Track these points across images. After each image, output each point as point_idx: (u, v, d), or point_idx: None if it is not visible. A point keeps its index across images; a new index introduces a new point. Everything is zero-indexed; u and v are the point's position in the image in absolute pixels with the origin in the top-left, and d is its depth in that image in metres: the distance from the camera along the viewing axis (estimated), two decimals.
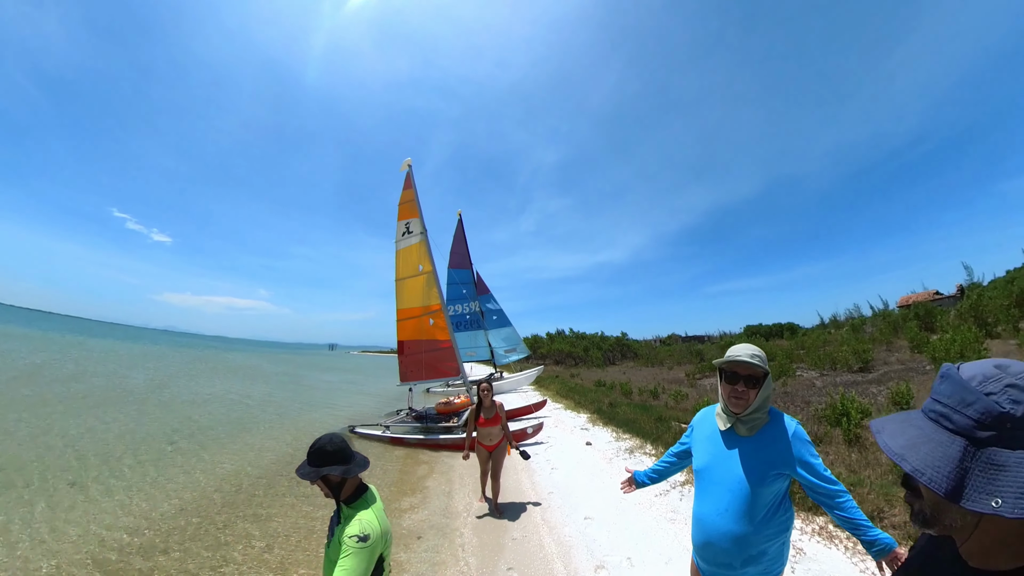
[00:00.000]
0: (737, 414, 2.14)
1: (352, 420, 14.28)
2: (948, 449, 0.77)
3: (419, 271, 13.69)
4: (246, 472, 8.91)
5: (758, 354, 2.10)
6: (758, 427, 2.11)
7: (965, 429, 0.77)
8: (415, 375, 13.53)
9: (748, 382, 2.08)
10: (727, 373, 2.14)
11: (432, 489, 8.00)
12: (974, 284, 41.22)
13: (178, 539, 5.74)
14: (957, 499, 0.73)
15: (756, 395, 2.08)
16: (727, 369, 2.14)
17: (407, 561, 5.20)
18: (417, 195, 14.04)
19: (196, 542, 5.71)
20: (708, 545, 2.12)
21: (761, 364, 2.07)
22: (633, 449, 9.33)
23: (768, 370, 2.10)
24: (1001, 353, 15.54)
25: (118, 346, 54.70)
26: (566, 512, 6.26)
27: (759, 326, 59.97)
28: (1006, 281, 36.14)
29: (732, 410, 2.15)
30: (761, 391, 2.09)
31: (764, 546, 2.04)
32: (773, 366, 20.24)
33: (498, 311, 26.83)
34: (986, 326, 21.53)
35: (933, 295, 52.03)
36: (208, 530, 6.07)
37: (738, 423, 2.13)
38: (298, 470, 2.31)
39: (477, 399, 6.52)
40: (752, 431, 2.12)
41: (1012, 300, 26.29)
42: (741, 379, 2.09)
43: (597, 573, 4.53)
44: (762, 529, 2.03)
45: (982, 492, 0.71)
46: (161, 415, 14.03)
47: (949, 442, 0.78)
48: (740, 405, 2.11)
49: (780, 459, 2.03)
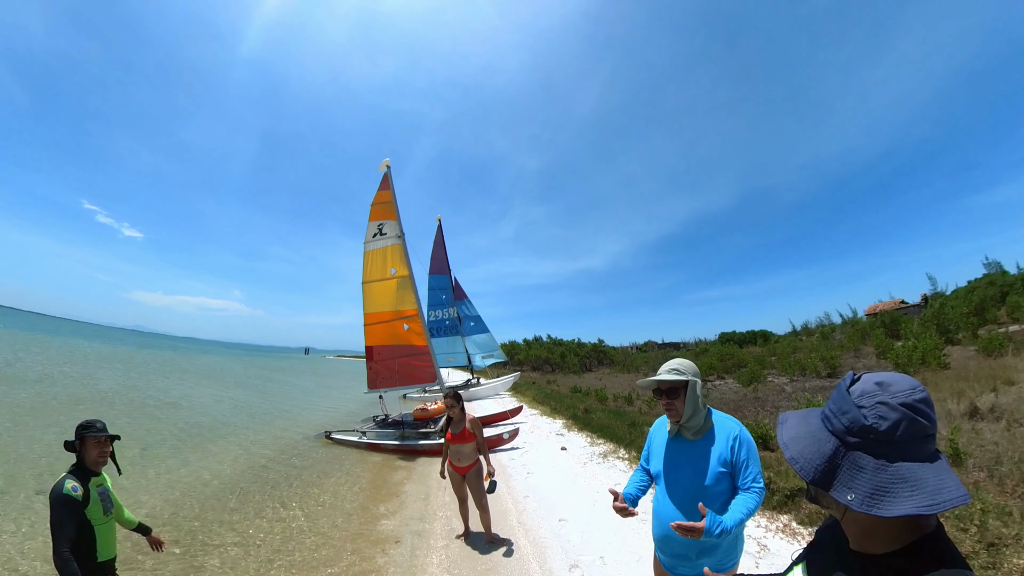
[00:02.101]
0: (677, 423, 2.37)
1: (328, 426, 14.14)
2: (823, 446, 0.95)
3: (391, 275, 13.34)
4: (221, 477, 8.85)
5: (676, 368, 2.34)
6: (703, 431, 2.35)
7: (838, 432, 0.95)
8: (386, 382, 13.18)
9: (670, 394, 2.33)
10: (655, 391, 2.40)
11: (409, 494, 8.06)
12: (937, 293, 42.56)
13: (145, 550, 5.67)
14: (824, 487, 0.92)
15: (683, 403, 2.31)
16: (652, 387, 2.41)
17: (385, 565, 5.28)
18: (395, 197, 13.81)
19: (171, 548, 5.69)
20: (666, 539, 2.37)
21: (678, 377, 2.30)
22: (607, 454, 9.50)
23: (688, 380, 2.31)
24: (960, 359, 16.18)
25: (85, 346, 53.02)
26: (541, 514, 6.39)
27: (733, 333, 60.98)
28: (967, 291, 37.53)
29: (671, 420, 2.41)
30: (687, 399, 2.30)
31: (717, 540, 2.20)
32: (745, 372, 20.72)
33: (476, 317, 26.95)
34: (947, 333, 22.28)
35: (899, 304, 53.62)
36: (180, 541, 6.02)
37: (683, 429, 2.37)
38: None
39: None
40: (698, 435, 2.35)
41: (972, 309, 27.40)
42: (664, 393, 2.35)
43: (571, 572, 4.67)
44: None
45: (843, 486, 0.90)
46: (132, 419, 13.75)
47: (826, 440, 0.96)
48: (674, 415, 2.36)
49: (722, 460, 2.26)
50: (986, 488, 5.39)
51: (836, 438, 0.95)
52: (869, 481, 0.87)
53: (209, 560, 5.44)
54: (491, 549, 5.40)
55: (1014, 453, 6.30)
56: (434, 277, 25.52)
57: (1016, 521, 4.38)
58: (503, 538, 5.66)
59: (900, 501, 0.82)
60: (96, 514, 2.89)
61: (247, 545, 5.89)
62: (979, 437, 7.33)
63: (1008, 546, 3.98)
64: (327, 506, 7.46)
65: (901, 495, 0.83)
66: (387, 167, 14.04)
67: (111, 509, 3.05)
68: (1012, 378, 11.03)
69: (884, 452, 0.88)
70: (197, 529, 6.36)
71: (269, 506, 7.37)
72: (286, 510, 7.18)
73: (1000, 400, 9.15)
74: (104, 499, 2.99)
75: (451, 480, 5.76)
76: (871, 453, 0.89)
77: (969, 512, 4.54)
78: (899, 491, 0.83)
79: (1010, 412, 8.33)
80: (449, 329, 25.56)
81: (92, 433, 2.98)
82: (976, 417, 8.64)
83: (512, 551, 5.31)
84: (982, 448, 6.73)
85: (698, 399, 2.32)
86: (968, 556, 3.94)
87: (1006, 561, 3.78)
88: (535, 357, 55.41)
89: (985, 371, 12.61)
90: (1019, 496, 5.08)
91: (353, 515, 7.07)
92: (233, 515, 6.94)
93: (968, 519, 4.42)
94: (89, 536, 2.86)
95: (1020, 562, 3.74)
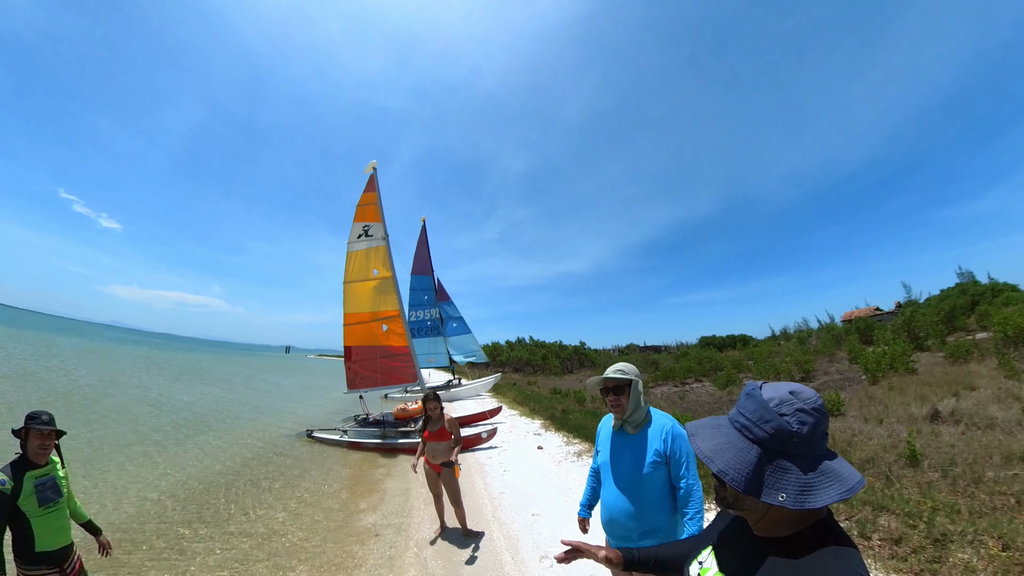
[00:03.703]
0: (622, 418, 2.65)
1: (310, 425, 14.16)
2: (747, 455, 1.01)
3: (373, 275, 13.38)
4: (202, 475, 8.88)
5: (621, 368, 2.63)
6: (641, 425, 2.63)
7: (762, 441, 1.01)
8: (366, 382, 13.20)
9: (616, 391, 2.61)
10: (603, 389, 2.66)
11: (389, 490, 8.17)
12: (911, 301, 43.67)
13: (129, 547, 5.68)
14: (754, 494, 0.98)
15: (628, 400, 2.60)
16: (600, 387, 2.67)
17: (364, 557, 5.41)
18: (380, 199, 13.86)
19: (150, 550, 5.74)
20: (611, 521, 2.63)
21: (623, 376, 2.59)
22: (581, 453, 9.69)
23: (632, 379, 2.61)
24: (928, 364, 16.69)
25: (60, 340, 51.74)
26: (515, 510, 6.56)
27: (713, 337, 61.79)
28: (939, 299, 38.63)
29: (616, 416, 2.69)
30: (631, 396, 2.60)
31: (657, 522, 2.50)
32: (721, 375, 21.17)
33: (458, 318, 27.00)
34: (917, 340, 22.93)
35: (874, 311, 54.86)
36: (163, 538, 6.07)
37: (625, 423, 2.66)
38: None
39: (425, 411, 5.78)
40: (637, 429, 2.63)
41: (941, 317, 28.22)
42: (610, 391, 2.62)
43: (542, 563, 4.84)
44: (652, 508, 2.50)
45: (772, 488, 0.97)
46: (110, 418, 13.61)
47: (748, 449, 1.01)
48: (620, 411, 2.64)
49: (657, 451, 2.52)
50: (939, 487, 5.64)
51: (758, 446, 1.01)
52: (796, 481, 0.96)
53: (192, 557, 5.50)
54: (467, 542, 5.56)
55: (969, 455, 6.59)
56: (417, 278, 25.51)
57: (964, 519, 4.61)
58: (478, 531, 5.82)
59: (824, 492, 0.94)
60: (30, 506, 2.92)
61: (229, 540, 5.96)
62: (937, 439, 7.64)
63: (954, 542, 4.21)
64: (308, 502, 7.54)
65: (823, 487, 0.94)
66: (373, 168, 14.05)
67: (54, 500, 3.06)
68: (974, 383, 11.40)
69: (803, 452, 0.98)
70: (178, 525, 6.41)
71: (250, 503, 7.43)
72: (267, 507, 7.25)
73: (961, 404, 9.47)
74: (43, 490, 3.00)
75: (426, 477, 5.92)
76: (793, 455, 0.99)
77: (919, 510, 4.79)
78: (821, 484, 0.94)
79: (969, 416, 8.66)
80: (431, 330, 25.57)
81: (36, 425, 3.03)
82: (937, 420, 8.95)
83: (487, 543, 5.48)
84: (939, 450, 7.02)
85: (640, 396, 2.63)
86: (915, 551, 4.18)
87: (951, 556, 4.01)
88: (517, 359, 55.63)
89: (950, 376, 13.02)
90: (969, 495, 5.34)
91: (333, 510, 7.17)
92: (215, 512, 7.00)
93: (917, 516, 4.67)
94: (23, 527, 2.92)
95: (964, 556, 3.98)
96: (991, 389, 10.54)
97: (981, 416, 8.54)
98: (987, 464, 6.23)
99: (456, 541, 5.63)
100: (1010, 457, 6.32)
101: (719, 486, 1.11)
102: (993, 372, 12.75)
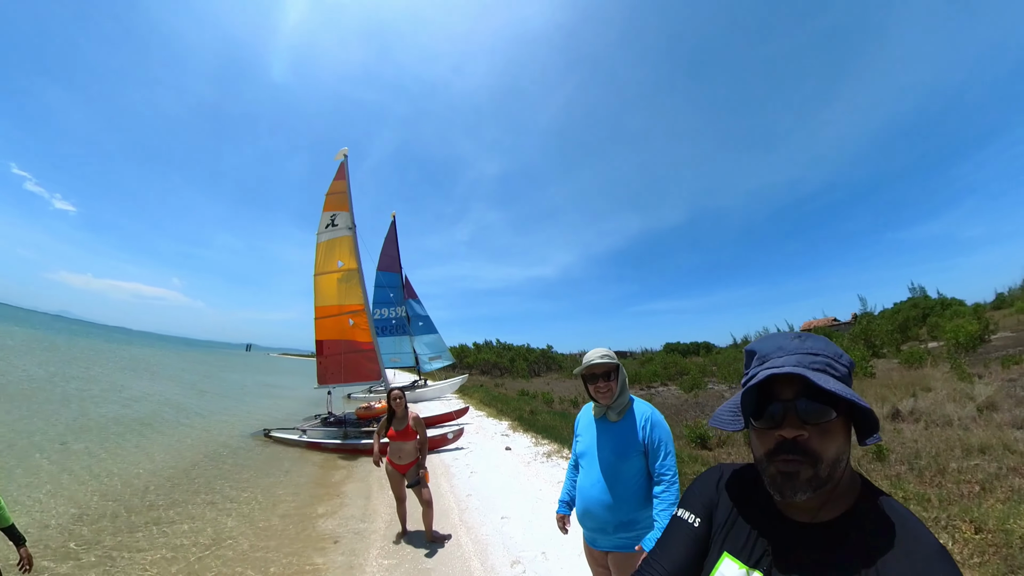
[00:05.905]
0: (608, 405, 2.54)
1: (267, 424, 13.58)
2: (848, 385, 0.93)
3: (338, 267, 13.05)
4: (147, 477, 8.30)
5: (607, 354, 2.53)
6: (624, 411, 2.54)
7: (850, 369, 0.96)
8: (334, 377, 12.89)
9: (605, 377, 2.50)
10: (587, 376, 2.53)
11: (350, 493, 7.80)
12: (866, 313, 45.96)
13: (54, 557, 5.19)
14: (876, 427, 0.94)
15: (616, 384, 2.51)
16: (586, 374, 2.53)
17: (324, 564, 5.05)
18: (350, 188, 13.53)
19: (77, 562, 5.27)
20: (587, 512, 2.52)
21: (611, 360, 2.50)
22: (551, 453, 9.53)
23: (619, 362, 2.53)
24: (884, 370, 17.31)
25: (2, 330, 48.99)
26: (484, 513, 6.31)
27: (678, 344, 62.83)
28: (892, 312, 40.91)
29: (602, 402, 2.56)
30: (618, 379, 2.52)
31: (634, 515, 2.41)
32: (687, 380, 21.47)
33: (425, 317, 26.50)
34: (874, 348, 23.91)
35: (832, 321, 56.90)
36: (96, 547, 5.57)
37: (609, 411, 2.55)
38: None
39: (389, 407, 5.53)
40: (620, 415, 2.54)
41: (895, 327, 29.74)
42: (599, 377, 2.50)
43: (513, 568, 4.61)
44: (630, 499, 2.41)
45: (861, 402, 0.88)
46: (51, 412, 12.74)
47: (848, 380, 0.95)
48: (608, 396, 2.52)
49: (636, 439, 2.45)
50: (907, 479, 6.03)
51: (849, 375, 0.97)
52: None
53: (131, 566, 5.04)
54: (433, 547, 5.26)
55: (931, 449, 7.10)
56: (383, 274, 24.86)
57: (935, 506, 4.91)
58: (444, 535, 5.53)
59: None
60: None
61: (174, 548, 5.50)
62: (900, 436, 8.11)
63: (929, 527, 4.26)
64: (262, 507, 7.09)
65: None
66: (344, 156, 13.74)
67: None
68: (930, 386, 11.95)
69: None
70: (119, 532, 5.90)
71: (198, 507, 6.95)
72: (217, 511, 6.78)
73: (919, 404, 9.91)
74: None
75: (390, 479, 5.62)
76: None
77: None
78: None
79: (928, 414, 9.19)
80: (396, 328, 25.01)
81: None
82: (898, 419, 9.45)
83: (454, 549, 5.20)
84: (903, 445, 7.48)
85: (624, 379, 2.57)
86: None
87: None
88: (484, 361, 55.38)
89: (906, 380, 13.54)
90: (936, 485, 5.75)
91: (290, 516, 6.74)
92: (159, 517, 6.49)
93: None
94: None
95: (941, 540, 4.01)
96: (946, 390, 11.02)
97: (939, 414, 9.02)
98: (950, 456, 6.69)
99: (421, 546, 5.33)
100: (969, 449, 6.85)
101: (798, 464, 0.88)
102: (946, 375, 13.26)
